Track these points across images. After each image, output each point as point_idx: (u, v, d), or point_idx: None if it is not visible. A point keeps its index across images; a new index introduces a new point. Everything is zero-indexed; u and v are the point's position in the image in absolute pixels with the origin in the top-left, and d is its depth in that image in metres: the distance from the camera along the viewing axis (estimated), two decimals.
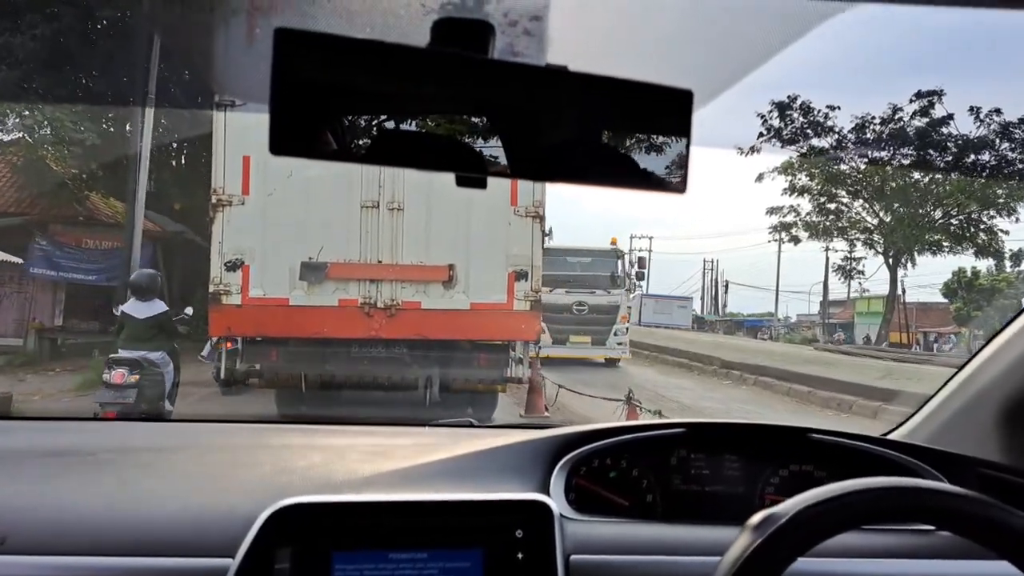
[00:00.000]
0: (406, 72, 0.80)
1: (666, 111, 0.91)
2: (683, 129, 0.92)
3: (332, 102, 0.79)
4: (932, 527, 1.41)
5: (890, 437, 1.80)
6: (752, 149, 21.26)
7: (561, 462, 1.56)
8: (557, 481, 1.53)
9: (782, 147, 21.78)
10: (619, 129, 0.92)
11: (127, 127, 13.90)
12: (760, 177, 24.75)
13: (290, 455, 1.65)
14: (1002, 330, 1.65)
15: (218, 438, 1.84)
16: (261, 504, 1.29)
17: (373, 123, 0.81)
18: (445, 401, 8.21)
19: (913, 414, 1.85)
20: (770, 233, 29.56)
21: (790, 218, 27.34)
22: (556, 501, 1.42)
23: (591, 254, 17.92)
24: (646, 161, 0.93)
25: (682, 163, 0.93)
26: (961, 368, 1.75)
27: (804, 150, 21.98)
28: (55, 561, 1.27)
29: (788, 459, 1.67)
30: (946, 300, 32.77)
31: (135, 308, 7.29)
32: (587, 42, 1.03)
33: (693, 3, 0.96)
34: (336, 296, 8.00)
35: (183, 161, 18.60)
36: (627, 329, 17.50)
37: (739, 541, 0.95)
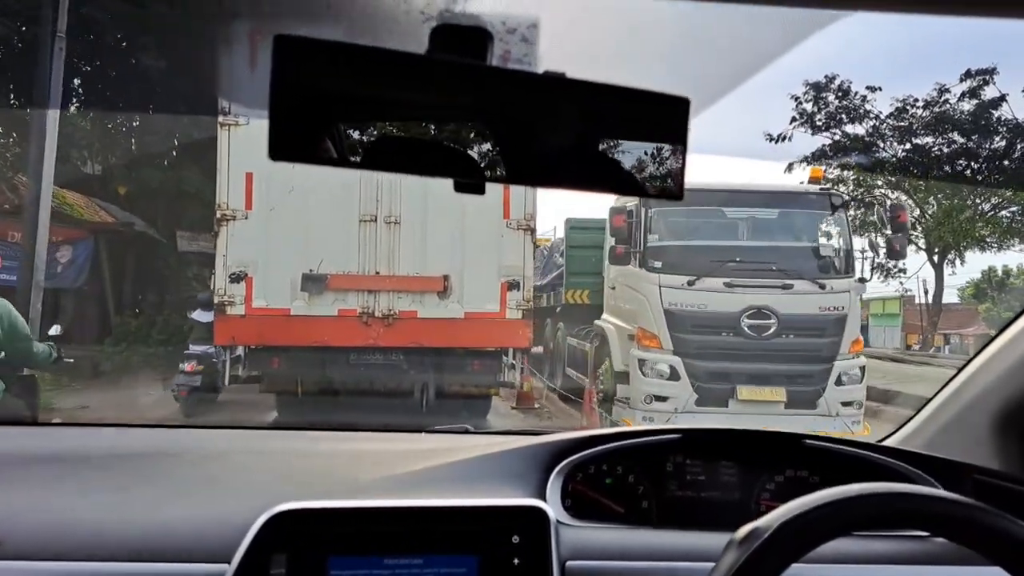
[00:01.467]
0: (405, 78, 0.76)
1: (663, 118, 0.88)
2: (680, 136, 0.89)
3: (331, 108, 0.75)
4: (926, 533, 1.37)
5: (885, 443, 1.76)
6: (781, 137, 17.76)
7: (557, 468, 1.52)
8: (553, 487, 1.49)
9: (813, 134, 18.28)
10: (617, 135, 0.89)
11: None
12: (790, 167, 18.82)
13: (286, 461, 1.61)
14: (996, 337, 1.62)
15: (215, 444, 1.79)
16: (257, 510, 1.25)
17: (372, 129, 0.78)
18: (440, 405, 8.19)
19: (908, 420, 1.81)
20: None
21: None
22: (552, 507, 1.38)
23: (777, 199, 8.37)
24: (643, 167, 0.90)
25: (679, 169, 0.90)
26: (956, 374, 1.71)
27: (838, 136, 18.45)
28: (52, 567, 1.23)
29: (783, 465, 1.62)
30: (958, 301, 29.87)
31: (201, 316, 9.19)
32: (585, 49, 1.00)
33: (690, 12, 0.93)
34: (335, 306, 8.02)
35: (133, 137, 14.52)
36: (862, 373, 7.81)
37: (725, 557, 0.91)
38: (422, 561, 1.27)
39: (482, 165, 0.81)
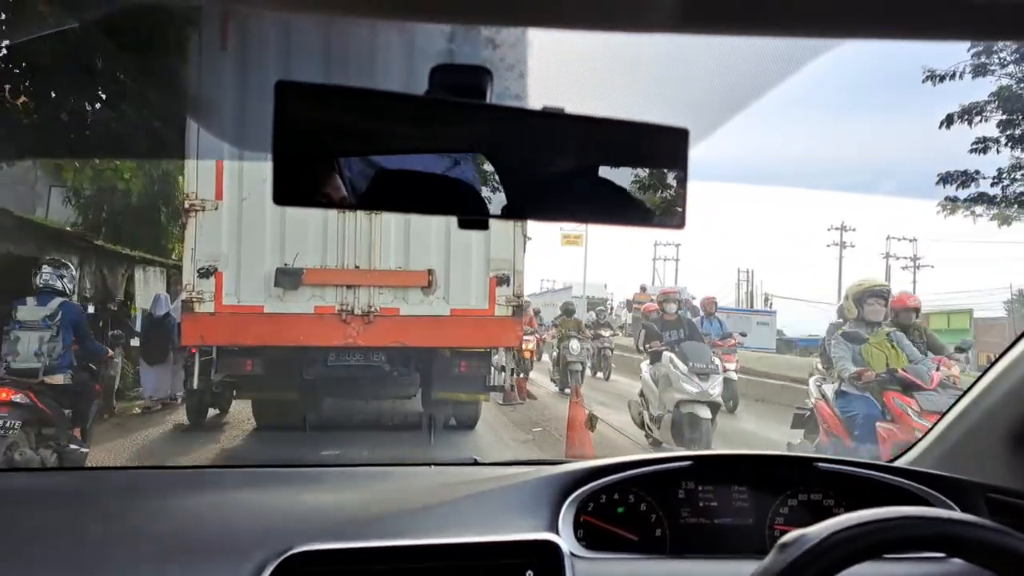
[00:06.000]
0: (406, 120, 0.82)
1: (663, 149, 0.94)
2: (680, 165, 0.95)
3: (334, 152, 0.81)
4: (942, 555, 1.43)
5: (897, 463, 1.83)
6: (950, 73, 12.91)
7: (569, 499, 1.57)
8: (566, 519, 1.55)
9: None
10: (617, 168, 0.95)
11: None
12: (949, 120, 13.49)
13: (298, 499, 1.67)
14: (1005, 353, 1.69)
15: (225, 484, 1.84)
16: (271, 550, 1.32)
17: (375, 171, 0.84)
18: (427, 411, 8.23)
19: (920, 439, 1.88)
20: (944, 210, 14.78)
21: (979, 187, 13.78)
22: (565, 539, 1.45)
23: None
24: (645, 199, 0.96)
25: (680, 199, 0.97)
26: (965, 393, 1.78)
27: None
28: None
29: (796, 489, 1.68)
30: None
31: None
32: (583, 84, 1.06)
33: (685, 44, 0.99)
34: (312, 303, 7.98)
35: None
36: None
37: (767, 559, 0.97)
38: None
39: (485, 201, 0.87)
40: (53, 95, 7.11)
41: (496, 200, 0.88)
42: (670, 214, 0.97)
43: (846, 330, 6.47)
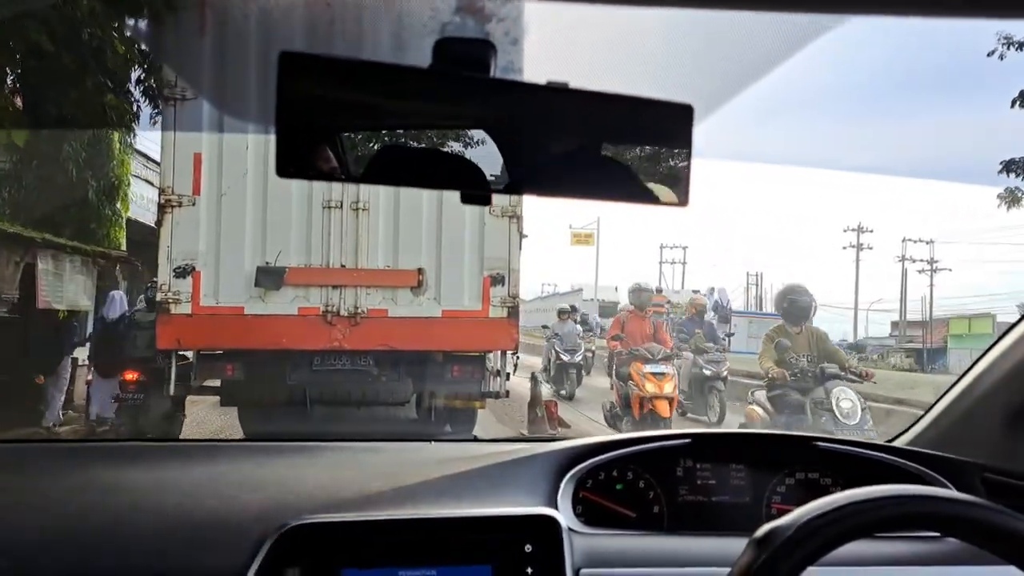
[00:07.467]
0: (410, 93, 0.85)
1: (667, 125, 0.98)
2: (684, 143, 0.99)
3: (337, 125, 0.84)
4: (937, 534, 1.49)
5: (895, 443, 1.92)
6: None
7: (568, 475, 1.65)
8: (565, 494, 1.63)
9: None
10: (621, 144, 0.99)
11: None
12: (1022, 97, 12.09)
13: (297, 473, 1.72)
14: (1005, 335, 1.76)
15: (223, 458, 1.88)
16: (270, 524, 1.37)
17: (378, 144, 0.87)
18: (421, 417, 8.22)
19: (918, 420, 1.96)
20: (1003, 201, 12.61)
21: None
22: (564, 515, 1.52)
23: None
24: (649, 175, 1.00)
25: (684, 176, 1.01)
26: (965, 373, 1.86)
27: None
28: None
29: (794, 467, 1.77)
30: None
31: None
32: (587, 59, 1.09)
33: (691, 19, 1.03)
34: (295, 304, 7.94)
35: None
36: None
37: (744, 556, 0.99)
38: (435, 572, 1.41)
39: (488, 176, 0.91)
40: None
41: (498, 175, 0.92)
42: (673, 192, 1.02)
43: None
